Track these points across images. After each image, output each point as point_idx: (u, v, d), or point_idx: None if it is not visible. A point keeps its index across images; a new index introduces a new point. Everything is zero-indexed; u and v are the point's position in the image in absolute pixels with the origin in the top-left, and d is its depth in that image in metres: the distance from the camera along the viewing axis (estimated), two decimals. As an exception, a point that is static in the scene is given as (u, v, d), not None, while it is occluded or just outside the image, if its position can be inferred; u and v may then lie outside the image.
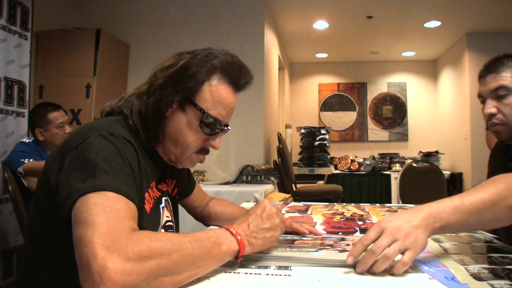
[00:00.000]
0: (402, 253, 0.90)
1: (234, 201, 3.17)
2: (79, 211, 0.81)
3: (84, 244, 0.75)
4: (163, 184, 1.24)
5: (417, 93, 7.66)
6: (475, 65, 5.88)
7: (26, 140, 2.98)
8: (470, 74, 5.88)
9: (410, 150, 7.38)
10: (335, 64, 7.84)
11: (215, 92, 1.11)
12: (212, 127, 1.13)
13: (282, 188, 4.69)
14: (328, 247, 1.07)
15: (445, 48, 6.84)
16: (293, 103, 7.88)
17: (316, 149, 6.23)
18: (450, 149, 6.67)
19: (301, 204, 2.10)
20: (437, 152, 6.39)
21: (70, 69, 3.97)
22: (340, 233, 1.37)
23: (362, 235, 1.35)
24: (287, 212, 1.84)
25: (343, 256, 0.98)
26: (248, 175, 3.84)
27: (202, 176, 4.09)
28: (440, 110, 7.37)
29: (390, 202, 5.97)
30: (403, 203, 4.15)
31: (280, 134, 4.97)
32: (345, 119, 7.74)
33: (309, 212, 1.82)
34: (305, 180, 5.90)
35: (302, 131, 6.36)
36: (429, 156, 6.31)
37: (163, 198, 1.21)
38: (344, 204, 2.08)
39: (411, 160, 6.07)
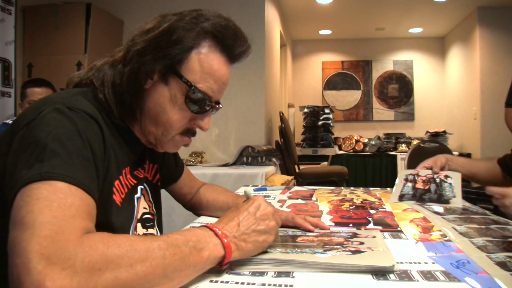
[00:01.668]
0: None
1: (233, 184, 3.04)
2: (17, 206, 0.63)
3: (17, 253, 0.57)
4: (140, 170, 1.04)
5: (424, 71, 7.40)
6: (486, 41, 5.63)
7: (9, 121, 2.80)
8: (481, 51, 5.63)
9: (417, 130, 7.16)
10: (339, 41, 7.56)
11: (205, 62, 0.92)
12: (200, 104, 0.93)
13: (285, 169, 4.52)
14: (338, 246, 0.88)
15: (454, 24, 6.56)
16: (295, 82, 7.64)
17: (320, 129, 6.07)
18: (458, 129, 6.45)
19: (304, 188, 1.92)
20: (444, 132, 6.18)
21: (60, 46, 3.76)
22: (351, 225, 1.18)
23: (377, 227, 1.17)
24: (290, 198, 1.65)
25: (356, 260, 0.79)
26: (248, 156, 3.66)
27: (201, 158, 3.91)
28: (448, 89, 7.13)
29: (396, 184, 5.80)
30: (411, 185, 3.96)
31: (282, 113, 4.77)
32: (350, 98, 7.50)
33: (314, 199, 1.63)
34: (308, 161, 5.74)
35: (305, 110, 6.18)
36: (436, 136, 6.10)
37: (139, 187, 1.02)
38: (352, 188, 1.90)
39: (417, 141, 5.88)
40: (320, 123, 6.07)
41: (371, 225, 1.18)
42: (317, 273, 0.77)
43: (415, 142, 6.11)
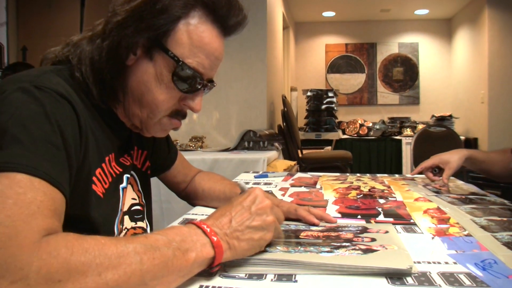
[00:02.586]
0: None
1: (234, 170, 2.93)
2: None
3: None
4: (126, 157, 0.94)
5: (430, 54, 7.23)
6: (496, 23, 5.46)
7: None
8: (490, 33, 5.46)
9: (422, 114, 7.02)
10: (343, 23, 7.39)
11: (195, 34, 0.80)
12: (190, 81, 0.82)
13: (287, 154, 4.42)
14: (347, 244, 0.78)
15: (462, 5, 6.37)
16: (298, 65, 7.49)
17: (323, 113, 5.96)
18: (465, 113, 6.32)
19: (308, 175, 1.82)
20: (451, 116, 6.04)
21: (55, 28, 3.64)
22: (359, 216, 1.08)
23: (388, 219, 1.07)
24: (292, 186, 1.55)
25: (368, 260, 0.69)
26: (250, 141, 3.55)
27: (201, 143, 3.80)
28: (454, 72, 6.97)
29: (401, 169, 5.71)
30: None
31: (285, 97, 4.65)
32: (353, 81, 7.36)
33: (318, 186, 1.53)
34: (311, 146, 5.64)
35: (308, 94, 6.05)
36: (442, 120, 5.96)
37: (125, 176, 0.91)
38: (359, 175, 1.79)
39: (423, 125, 5.76)
40: (323, 107, 5.95)
41: (381, 217, 1.07)
42: (323, 276, 0.67)
43: (420, 126, 5.99)
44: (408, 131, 6.18)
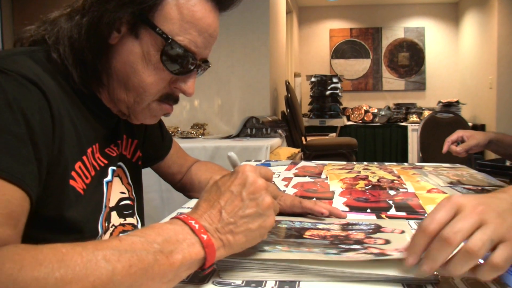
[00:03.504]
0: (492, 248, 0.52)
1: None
2: None
3: None
4: (112, 147, 0.85)
5: (436, 39, 7.09)
6: (505, 6, 5.30)
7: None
8: (499, 16, 5.31)
9: (428, 100, 6.91)
10: (347, 8, 7.24)
11: (185, 9, 0.72)
12: (182, 62, 0.73)
13: (291, 141, 4.34)
14: (357, 246, 0.69)
15: (470, -12, 6.24)
16: (302, 50, 7.36)
17: (328, 99, 5.87)
18: (472, 99, 6.19)
19: (312, 164, 1.73)
20: (457, 102, 5.93)
21: (52, 13, 3.53)
22: (369, 210, 1.00)
23: (401, 213, 0.99)
24: (296, 175, 1.47)
25: (383, 267, 0.61)
26: (252, 127, 3.47)
27: (203, 130, 3.71)
28: (461, 57, 6.84)
29: (407, 156, 5.62)
30: (424, 158, 3.77)
31: (289, 83, 4.55)
32: (358, 67, 7.23)
33: (323, 176, 1.44)
34: (315, 133, 5.56)
35: (313, 79, 5.96)
36: (449, 106, 5.84)
37: (110, 168, 0.83)
38: (366, 163, 1.71)
39: (429, 111, 5.66)
40: (327, 92, 5.86)
41: (392, 211, 0.99)
42: (331, 283, 0.59)
43: (426, 112, 5.90)
44: (414, 118, 6.08)
